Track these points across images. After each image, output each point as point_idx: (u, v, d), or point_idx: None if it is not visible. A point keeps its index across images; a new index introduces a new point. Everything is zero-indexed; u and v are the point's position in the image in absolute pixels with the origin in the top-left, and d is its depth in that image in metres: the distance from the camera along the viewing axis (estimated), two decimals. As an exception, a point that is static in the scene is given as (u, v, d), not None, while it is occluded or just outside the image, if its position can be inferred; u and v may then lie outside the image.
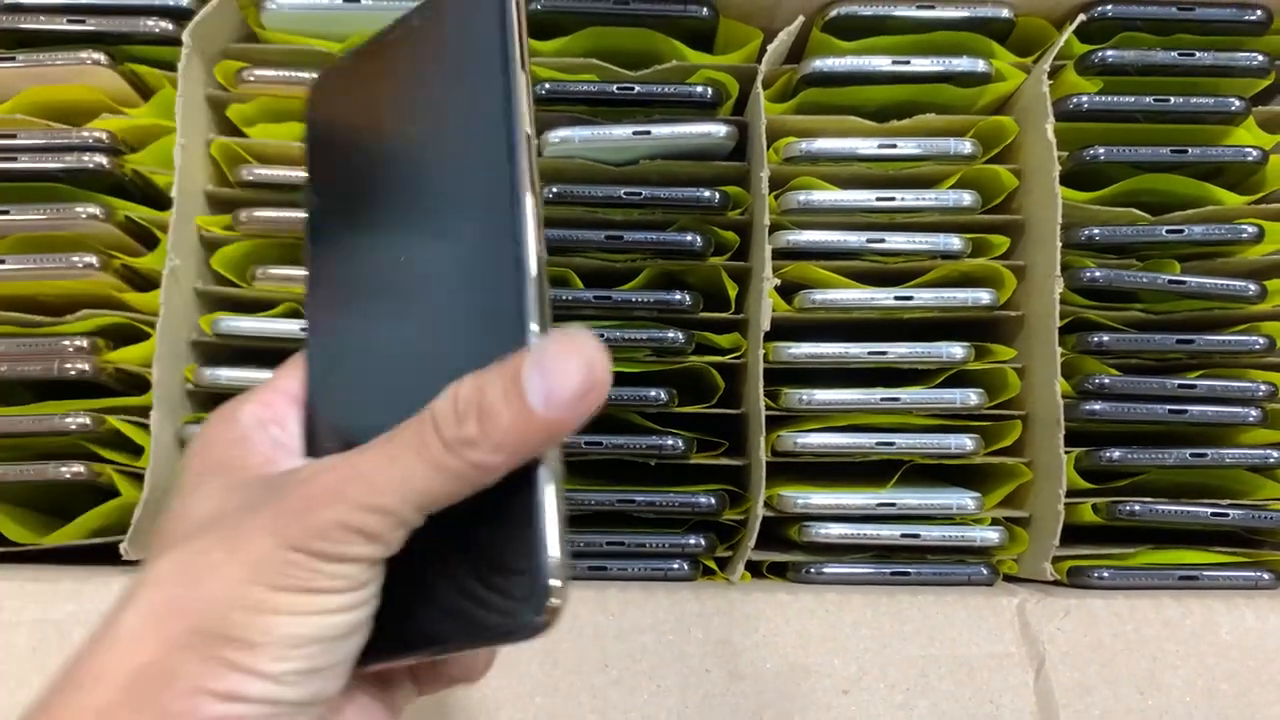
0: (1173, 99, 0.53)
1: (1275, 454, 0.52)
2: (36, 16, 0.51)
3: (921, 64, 0.53)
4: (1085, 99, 0.53)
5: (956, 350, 0.53)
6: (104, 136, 0.51)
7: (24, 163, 0.50)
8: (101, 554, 0.50)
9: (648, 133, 0.52)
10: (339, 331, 0.32)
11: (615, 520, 0.51)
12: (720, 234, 0.54)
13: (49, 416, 0.49)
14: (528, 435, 0.25)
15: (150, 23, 0.51)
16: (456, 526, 0.28)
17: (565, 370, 0.25)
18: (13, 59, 0.51)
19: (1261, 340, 0.53)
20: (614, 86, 0.52)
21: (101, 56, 0.51)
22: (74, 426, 0.49)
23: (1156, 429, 0.53)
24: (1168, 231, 0.53)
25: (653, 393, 0.51)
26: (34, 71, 0.51)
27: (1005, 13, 0.54)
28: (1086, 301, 0.53)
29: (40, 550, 0.50)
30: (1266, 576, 0.51)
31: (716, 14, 0.53)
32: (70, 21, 0.51)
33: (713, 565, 0.52)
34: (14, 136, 0.50)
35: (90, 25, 0.51)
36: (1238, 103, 0.53)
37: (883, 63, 0.53)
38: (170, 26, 0.51)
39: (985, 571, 0.51)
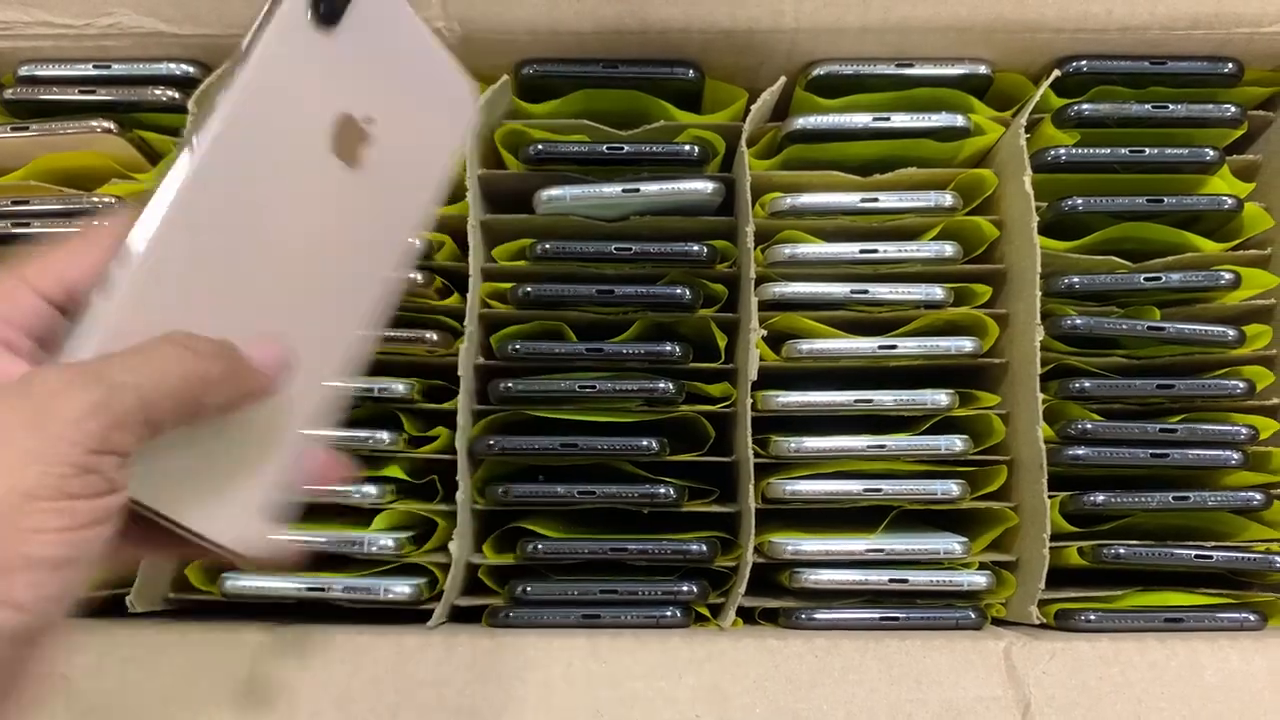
0: (1148, 150, 0.55)
1: (1258, 496, 0.53)
2: (50, 88, 0.54)
3: (902, 120, 0.55)
4: (1063, 151, 0.55)
5: (941, 397, 0.54)
6: (113, 201, 0.52)
7: (36, 227, 0.52)
8: (108, 606, 0.51)
9: (637, 190, 0.53)
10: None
11: (608, 568, 0.52)
12: (709, 286, 0.55)
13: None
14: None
15: (157, 92, 0.53)
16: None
17: None
18: (26, 128, 0.53)
19: (1241, 384, 0.54)
20: (604, 146, 0.54)
21: (111, 125, 0.53)
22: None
23: (1140, 472, 0.54)
24: (1146, 279, 0.54)
25: (645, 442, 0.52)
26: (46, 140, 0.53)
27: (983, 69, 0.55)
28: (1068, 348, 0.55)
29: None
30: (1252, 618, 0.51)
31: (702, 75, 0.55)
32: (81, 92, 0.53)
33: (705, 612, 0.53)
34: (27, 202, 0.52)
35: (100, 95, 0.53)
36: (1212, 152, 0.55)
37: (864, 119, 0.55)
38: (176, 95, 0.53)
39: (973, 615, 0.52)
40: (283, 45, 0.32)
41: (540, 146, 0.53)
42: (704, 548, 0.52)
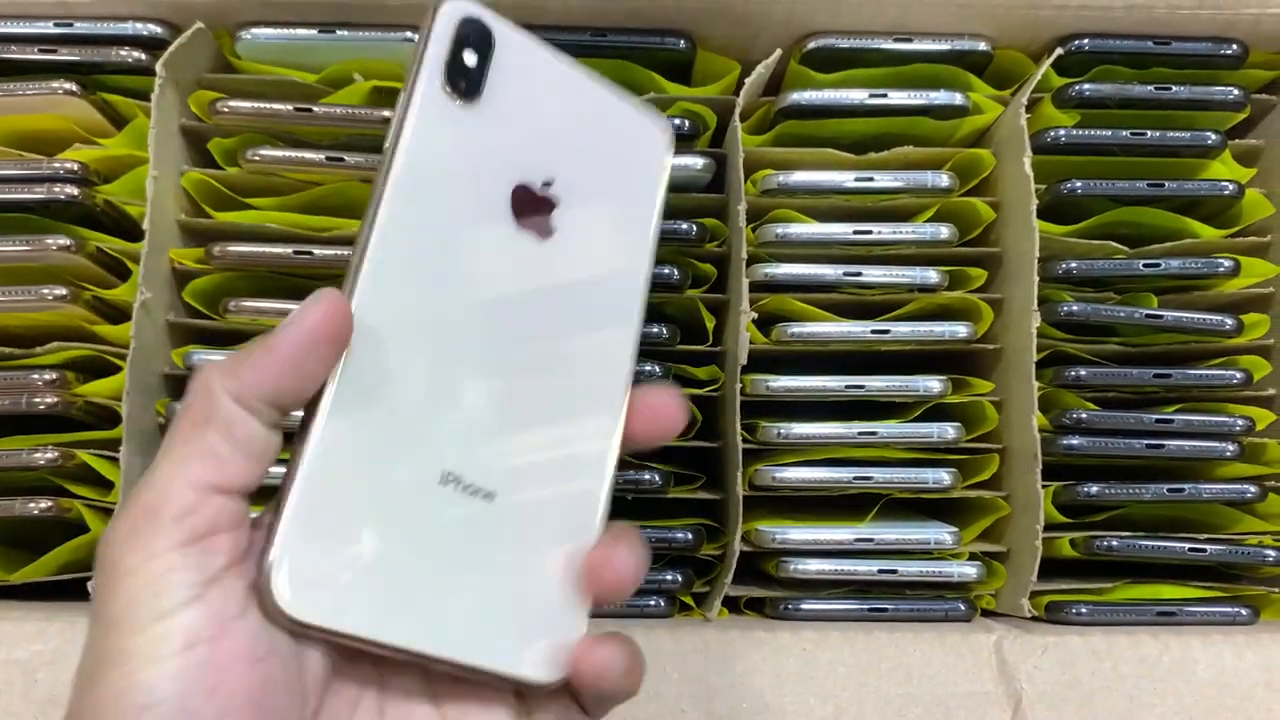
0: (1149, 132, 0.53)
1: (1252, 489, 0.52)
2: (8, 46, 0.51)
3: (899, 97, 0.53)
4: (1063, 132, 0.53)
5: (934, 384, 0.52)
6: (75, 167, 0.50)
7: (-3, 193, 0.49)
8: (69, 590, 0.49)
9: (624, 165, 0.51)
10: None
11: (591, 556, 0.51)
12: (698, 266, 0.53)
13: (16, 451, 0.49)
14: None
15: (123, 53, 0.51)
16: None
17: None
18: (-18, 88, 0.50)
19: (1239, 374, 0.53)
20: (591, 118, 0.51)
21: (74, 86, 0.50)
22: (42, 461, 0.49)
23: (1134, 463, 0.53)
24: (1144, 265, 0.53)
25: (629, 426, 0.50)
26: (5, 101, 0.50)
27: (983, 46, 0.54)
28: (1064, 335, 0.53)
29: (6, 586, 0.50)
30: (1244, 612, 0.51)
31: (694, 46, 0.53)
32: (41, 51, 0.51)
33: (689, 601, 0.52)
34: (-15, 166, 0.50)
35: (62, 55, 0.51)
36: (1214, 136, 0.54)
37: (860, 95, 0.53)
38: (143, 57, 0.51)
39: (963, 607, 0.51)
40: (429, 131, 0.31)
41: (525, 117, 0.51)
42: (689, 535, 0.50)
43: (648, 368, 0.50)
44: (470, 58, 0.31)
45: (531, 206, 0.32)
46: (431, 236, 0.31)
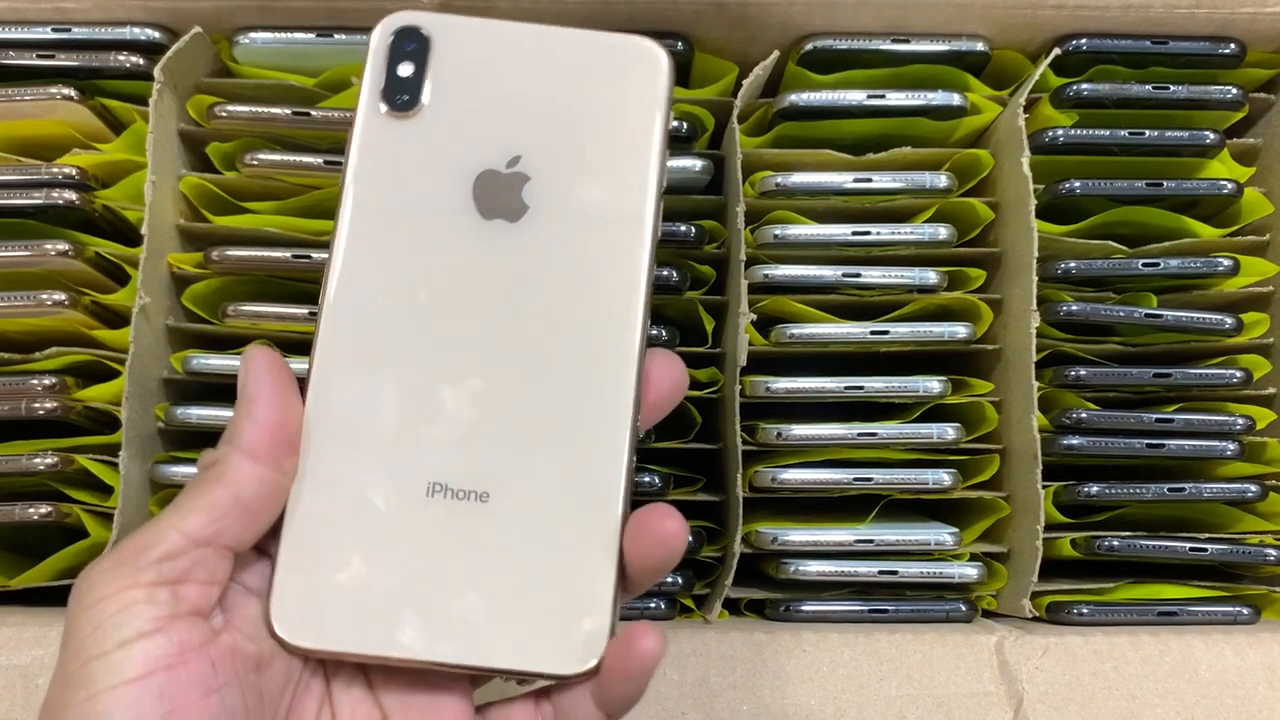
0: (1148, 132, 0.53)
1: (1253, 488, 0.52)
2: (6, 52, 0.51)
3: (897, 98, 0.53)
4: (1061, 132, 0.53)
5: (934, 384, 0.52)
6: (74, 172, 0.50)
7: (-5, 199, 0.49)
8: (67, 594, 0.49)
9: (623, 167, 0.51)
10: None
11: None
12: (697, 268, 0.53)
13: (16, 457, 0.49)
14: None
15: (121, 58, 0.51)
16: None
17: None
18: (-20, 94, 0.50)
19: (1239, 373, 0.53)
20: (589, 121, 0.52)
21: (72, 91, 0.50)
22: (42, 467, 0.49)
23: (1134, 462, 0.53)
24: (1143, 265, 0.53)
25: (629, 429, 0.50)
26: (3, 107, 0.50)
27: (980, 46, 0.54)
28: (1063, 335, 0.53)
29: (7, 592, 0.50)
30: (1245, 611, 0.51)
31: (691, 48, 0.53)
32: (39, 57, 0.51)
33: (690, 603, 0.52)
34: (-17, 172, 0.50)
35: (60, 60, 0.51)
36: (1212, 135, 0.54)
37: (858, 96, 0.53)
38: (141, 62, 0.51)
39: (964, 608, 0.51)
40: (373, 154, 0.32)
41: (522, 120, 0.51)
42: (690, 537, 0.50)
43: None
44: (406, 69, 0.32)
45: (497, 192, 0.31)
46: (394, 257, 0.31)
